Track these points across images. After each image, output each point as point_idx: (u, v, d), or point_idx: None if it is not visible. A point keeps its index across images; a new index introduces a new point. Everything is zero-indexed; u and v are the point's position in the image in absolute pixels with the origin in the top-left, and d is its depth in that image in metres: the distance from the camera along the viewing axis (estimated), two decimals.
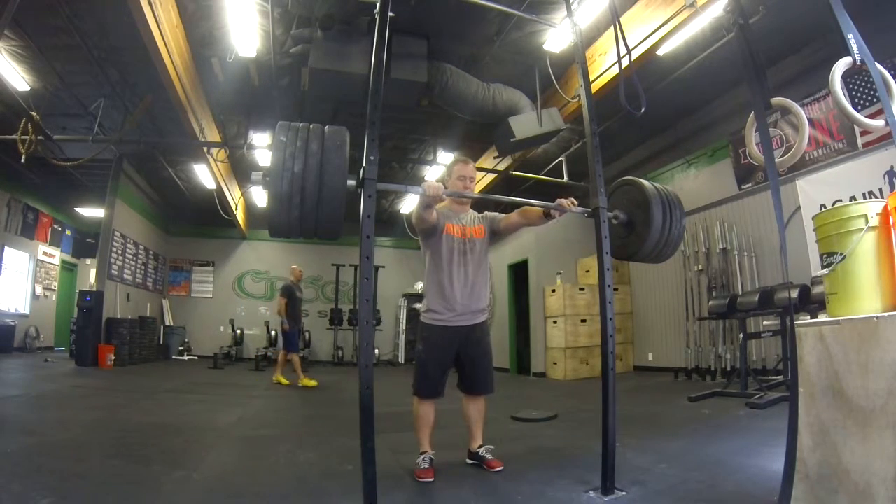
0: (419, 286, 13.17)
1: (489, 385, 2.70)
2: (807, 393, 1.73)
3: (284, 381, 6.67)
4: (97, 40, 5.62)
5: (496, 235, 2.78)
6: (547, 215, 2.57)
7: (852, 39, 1.95)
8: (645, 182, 2.53)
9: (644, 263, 2.79)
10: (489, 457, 2.62)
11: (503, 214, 2.81)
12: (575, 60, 3.03)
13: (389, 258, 12.92)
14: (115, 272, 9.28)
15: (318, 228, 1.79)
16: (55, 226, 11.44)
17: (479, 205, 3.04)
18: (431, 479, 2.40)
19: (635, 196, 2.50)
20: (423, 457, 2.51)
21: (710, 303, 5.54)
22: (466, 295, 2.59)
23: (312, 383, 6.63)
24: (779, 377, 4.93)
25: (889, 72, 2.00)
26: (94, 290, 8.70)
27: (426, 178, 2.58)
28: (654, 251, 2.45)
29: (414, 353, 2.63)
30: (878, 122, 1.97)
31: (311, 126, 1.79)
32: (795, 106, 2.16)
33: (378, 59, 2.23)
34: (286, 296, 6.88)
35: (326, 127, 1.84)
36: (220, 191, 9.15)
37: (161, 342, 11.09)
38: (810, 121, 5.14)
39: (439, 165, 8.64)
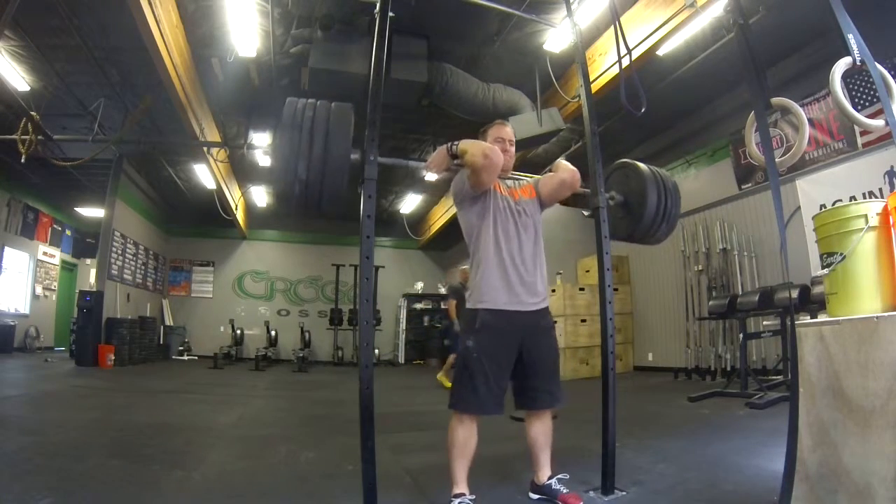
0: (419, 286, 13.18)
1: (560, 391, 2.09)
2: (807, 393, 1.73)
3: (448, 384, 6.46)
4: (97, 40, 5.62)
5: (548, 197, 2.26)
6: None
7: (852, 39, 1.95)
8: (640, 164, 2.53)
9: (644, 248, 2.77)
10: (564, 490, 2.03)
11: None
12: (575, 60, 3.03)
13: (389, 258, 12.93)
14: (115, 272, 9.28)
15: (321, 201, 1.80)
16: (55, 226, 11.44)
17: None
18: None
19: (631, 177, 2.52)
20: (457, 501, 1.89)
21: (710, 303, 5.54)
22: (527, 268, 2.05)
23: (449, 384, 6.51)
24: (779, 377, 4.92)
25: (889, 72, 1.99)
26: (94, 290, 8.71)
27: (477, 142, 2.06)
28: (650, 230, 2.46)
29: (458, 353, 2.04)
30: (878, 122, 1.97)
31: (318, 101, 1.82)
32: (795, 106, 2.15)
33: (378, 59, 2.24)
34: (456, 297, 6.79)
35: (333, 104, 1.85)
36: (220, 191, 9.15)
37: (161, 342, 11.09)
38: (810, 121, 5.14)
39: None
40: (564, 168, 2.25)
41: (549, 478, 2.10)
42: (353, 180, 1.82)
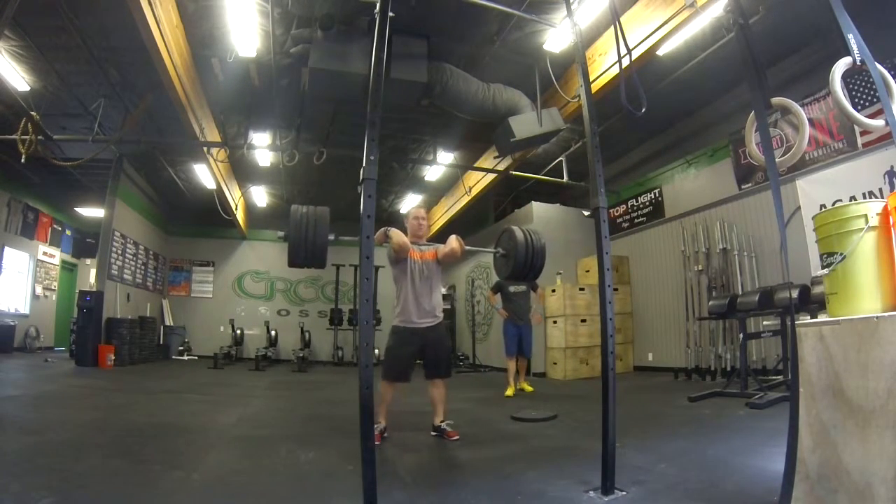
0: None
1: (446, 370, 3.51)
2: (807, 393, 1.73)
3: (528, 388, 6.15)
4: (97, 40, 5.62)
5: (442, 260, 3.54)
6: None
7: (852, 39, 1.95)
8: (517, 230, 3.40)
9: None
10: (448, 429, 3.32)
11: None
12: (575, 60, 3.04)
13: None
14: (115, 272, 9.27)
15: (315, 264, 2.88)
16: (55, 226, 11.44)
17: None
18: (378, 443, 3.04)
19: (511, 238, 3.43)
20: (376, 426, 3.14)
21: (710, 303, 5.54)
22: (426, 302, 3.43)
23: (529, 388, 6.14)
24: (779, 377, 4.93)
25: (889, 72, 1.99)
26: (94, 290, 8.69)
27: (392, 230, 3.56)
28: (521, 274, 3.40)
29: (386, 348, 3.47)
30: (878, 122, 1.97)
31: (308, 208, 2.85)
32: (795, 106, 2.15)
33: (378, 59, 2.24)
34: (495, 291, 6.40)
35: (317, 208, 2.88)
36: (220, 191, 9.15)
37: (161, 342, 11.08)
38: (810, 121, 5.14)
39: (439, 165, 8.64)
40: (450, 243, 3.48)
41: (441, 422, 3.38)
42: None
